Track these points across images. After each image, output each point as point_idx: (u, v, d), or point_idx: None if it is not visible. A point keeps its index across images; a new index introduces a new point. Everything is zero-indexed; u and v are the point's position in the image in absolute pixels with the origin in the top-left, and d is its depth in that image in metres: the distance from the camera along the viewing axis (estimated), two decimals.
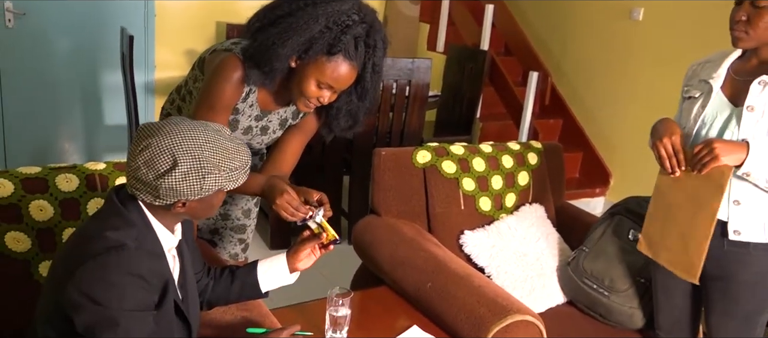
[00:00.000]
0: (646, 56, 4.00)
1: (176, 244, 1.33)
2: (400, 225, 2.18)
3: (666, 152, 1.68)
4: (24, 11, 3.80)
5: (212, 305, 1.56)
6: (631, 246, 2.12)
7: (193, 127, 1.20)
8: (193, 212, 1.27)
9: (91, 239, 1.17)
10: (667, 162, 1.68)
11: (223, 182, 1.21)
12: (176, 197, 1.19)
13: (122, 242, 1.15)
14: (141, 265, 1.16)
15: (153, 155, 1.16)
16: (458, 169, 2.31)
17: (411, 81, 3.44)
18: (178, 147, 1.17)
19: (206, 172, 1.18)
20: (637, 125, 4.02)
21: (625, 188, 3.98)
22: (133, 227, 1.20)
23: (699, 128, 1.73)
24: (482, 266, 2.20)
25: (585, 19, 4.44)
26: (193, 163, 1.17)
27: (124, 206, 1.22)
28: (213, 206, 1.29)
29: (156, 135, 1.17)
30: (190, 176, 1.17)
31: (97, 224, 1.21)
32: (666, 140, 1.67)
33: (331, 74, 1.54)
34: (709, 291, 1.80)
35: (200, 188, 1.19)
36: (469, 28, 4.85)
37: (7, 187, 1.53)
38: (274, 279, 1.56)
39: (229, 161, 1.22)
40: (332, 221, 1.52)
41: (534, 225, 2.36)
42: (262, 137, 1.85)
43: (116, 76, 3.86)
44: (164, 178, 1.16)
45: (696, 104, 1.76)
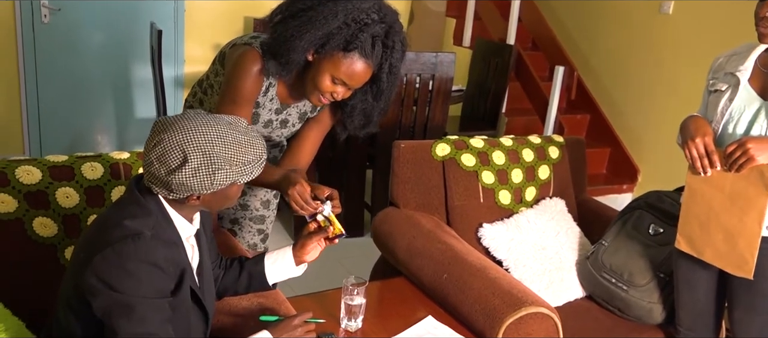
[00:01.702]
0: (676, 51, 3.92)
1: (194, 233, 1.36)
2: (418, 217, 2.20)
3: (698, 152, 1.65)
4: (59, 7, 3.91)
5: (222, 295, 1.59)
6: (652, 241, 2.10)
7: (205, 122, 1.22)
8: (209, 205, 1.30)
9: (110, 227, 1.20)
10: (699, 162, 1.65)
11: (235, 176, 1.23)
12: (188, 191, 1.21)
13: (139, 230, 1.18)
14: (157, 253, 1.19)
15: (164, 151, 1.19)
16: (478, 162, 2.31)
17: (434, 75, 3.45)
18: (189, 143, 1.18)
19: (217, 167, 1.19)
20: (666, 121, 3.95)
21: (652, 183, 3.91)
22: (151, 217, 1.23)
23: (726, 122, 1.70)
24: (500, 259, 2.20)
25: (613, 14, 4.37)
26: (203, 159, 1.18)
27: (142, 196, 1.25)
28: (229, 198, 1.31)
29: (168, 130, 1.20)
30: (200, 172, 1.19)
31: (116, 213, 1.24)
32: (698, 141, 1.65)
33: (346, 70, 1.56)
34: (734, 286, 1.77)
35: (211, 183, 1.20)
36: (495, 23, 4.82)
37: (36, 174, 1.59)
38: (281, 272, 1.58)
39: (241, 155, 1.23)
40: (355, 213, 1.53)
41: (554, 219, 2.35)
42: (281, 130, 1.88)
43: (147, 70, 3.95)
44: (175, 174, 1.18)
45: (723, 98, 1.73)
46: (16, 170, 1.58)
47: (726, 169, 1.63)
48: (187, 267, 1.29)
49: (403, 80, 3.39)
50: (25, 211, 1.57)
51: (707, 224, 1.74)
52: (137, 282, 1.17)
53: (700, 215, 1.75)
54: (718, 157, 1.64)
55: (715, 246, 1.73)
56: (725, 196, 1.67)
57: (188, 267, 1.30)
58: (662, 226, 2.11)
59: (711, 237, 1.74)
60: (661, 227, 2.11)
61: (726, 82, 1.74)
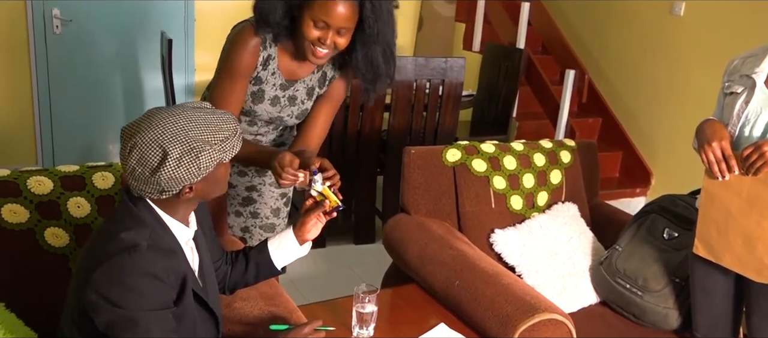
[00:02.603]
0: (688, 53, 3.89)
1: (192, 235, 1.35)
2: (429, 223, 2.19)
3: (715, 156, 1.63)
4: (71, 18, 3.94)
5: (234, 289, 1.59)
6: (666, 245, 2.08)
7: (171, 112, 1.21)
8: (203, 194, 1.28)
9: (106, 242, 1.19)
10: (716, 167, 1.63)
11: (218, 155, 1.21)
12: (179, 184, 1.19)
13: (135, 242, 1.17)
14: (155, 264, 1.17)
15: (142, 153, 1.17)
16: (489, 167, 2.29)
17: (444, 80, 3.44)
18: (163, 136, 1.17)
19: (198, 150, 1.18)
20: (679, 124, 3.92)
21: (666, 187, 3.87)
22: (146, 227, 1.22)
23: (742, 125, 1.68)
24: (513, 265, 2.18)
25: (624, 16, 4.35)
26: (183, 147, 1.17)
27: (135, 206, 1.24)
28: (220, 181, 1.30)
29: (139, 132, 1.18)
30: (184, 160, 1.17)
31: (111, 226, 1.23)
32: (715, 145, 1.62)
33: (322, 9, 1.58)
34: (752, 291, 1.75)
35: (198, 168, 1.19)
36: (505, 27, 4.81)
37: (47, 185, 1.60)
38: (287, 254, 1.57)
39: (217, 134, 1.21)
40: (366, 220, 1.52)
41: (566, 224, 2.32)
42: (291, 108, 1.87)
43: (158, 79, 3.97)
44: (160, 171, 1.17)
45: (739, 100, 1.71)
46: (28, 181, 1.58)
47: (743, 173, 1.61)
48: (188, 272, 1.28)
49: (414, 86, 3.38)
50: (37, 221, 1.57)
51: (725, 229, 1.71)
52: (138, 295, 1.16)
53: (719, 220, 1.72)
54: (735, 161, 1.61)
55: (733, 251, 1.71)
56: (743, 200, 1.64)
57: (189, 272, 1.29)
58: (677, 230, 2.08)
59: (729, 242, 1.71)
60: (676, 232, 2.08)
61: (742, 84, 1.72)
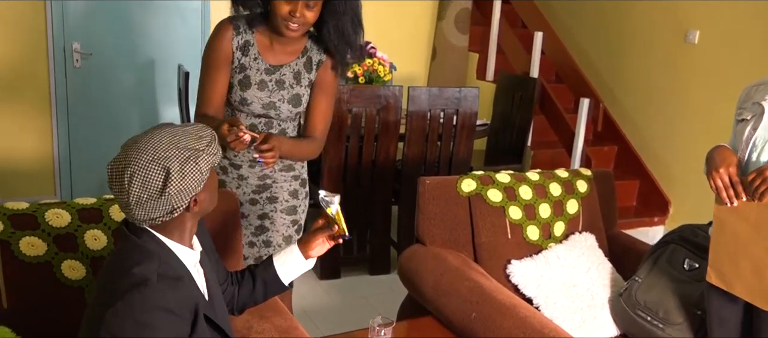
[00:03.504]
0: (703, 80, 3.87)
1: (198, 258, 1.35)
2: (445, 254, 2.17)
3: (722, 182, 1.62)
4: (91, 51, 4.02)
5: (243, 309, 1.59)
6: (687, 276, 2.04)
7: (153, 134, 1.23)
8: (204, 205, 1.29)
9: (118, 278, 1.18)
10: (724, 193, 1.62)
11: (210, 157, 1.24)
12: (188, 196, 1.21)
13: (145, 277, 1.16)
14: (167, 298, 1.16)
15: (144, 177, 1.18)
16: (504, 197, 2.28)
17: (458, 110, 3.45)
18: (158, 155, 1.18)
19: (195, 157, 1.21)
20: (696, 151, 3.87)
21: (685, 216, 3.83)
22: (154, 258, 1.21)
23: (750, 151, 1.67)
24: (530, 296, 2.15)
25: (637, 44, 4.35)
26: (181, 157, 1.19)
27: (139, 238, 1.24)
28: (214, 191, 1.32)
29: (132, 161, 1.19)
30: (187, 170, 1.19)
31: (120, 262, 1.22)
32: (722, 171, 1.62)
33: None
34: (759, 320, 1.71)
35: (200, 173, 1.21)
36: (518, 57, 4.83)
37: (65, 217, 1.61)
38: (293, 269, 1.57)
39: (201, 140, 1.24)
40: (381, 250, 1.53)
41: (584, 255, 2.29)
42: (281, 92, 1.93)
43: (176, 111, 4.02)
44: (168, 187, 1.18)
45: (747, 127, 1.70)
46: (46, 213, 1.60)
47: (750, 198, 1.59)
48: (199, 298, 1.27)
49: (428, 116, 3.39)
50: (55, 254, 1.58)
51: (735, 256, 1.69)
52: (152, 330, 1.14)
53: (729, 247, 1.70)
54: (742, 187, 1.60)
55: (744, 279, 1.68)
56: (752, 226, 1.62)
57: (200, 297, 1.28)
58: (697, 261, 2.04)
59: (740, 270, 1.68)
60: (696, 262, 2.04)
61: (752, 111, 1.72)
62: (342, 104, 3.16)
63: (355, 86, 3.36)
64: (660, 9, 4.16)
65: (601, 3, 4.65)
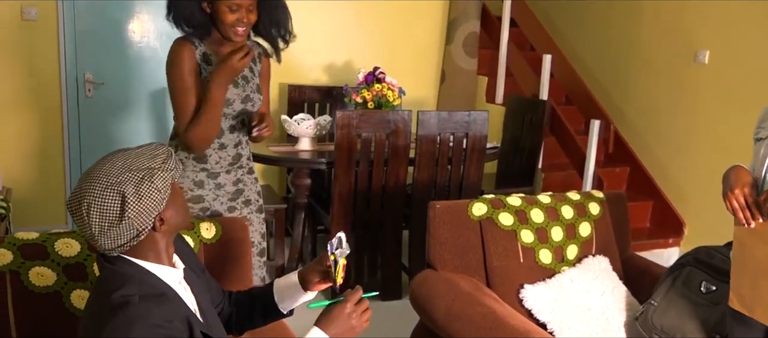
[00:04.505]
0: (714, 100, 3.85)
1: (182, 275, 1.32)
2: (456, 279, 2.14)
3: (738, 204, 1.60)
4: (103, 81, 4.07)
5: (242, 331, 1.56)
6: (704, 299, 2.00)
7: (104, 162, 1.21)
8: (174, 221, 1.26)
9: (100, 308, 1.17)
10: (740, 214, 1.60)
11: (167, 173, 1.22)
12: (150, 216, 1.18)
13: (127, 299, 1.14)
14: (151, 314, 1.14)
15: (100, 205, 1.16)
16: (516, 220, 2.26)
17: (468, 133, 3.44)
18: (111, 181, 1.17)
19: (149, 176, 1.18)
20: (709, 171, 3.84)
21: (700, 237, 3.77)
22: (133, 281, 1.19)
23: (765, 172, 1.64)
24: (544, 321, 2.12)
25: (647, 65, 4.34)
26: (134, 179, 1.17)
27: (114, 265, 1.22)
28: (183, 207, 1.30)
29: (86, 192, 1.17)
30: (143, 190, 1.17)
31: (100, 292, 1.21)
32: (737, 191, 1.60)
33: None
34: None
35: (158, 191, 1.19)
36: (527, 79, 4.83)
37: (74, 246, 1.61)
38: (293, 299, 1.54)
39: (155, 158, 1.22)
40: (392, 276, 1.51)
41: (598, 278, 2.26)
42: (250, 84, 2.12)
43: None
44: (126, 210, 1.16)
45: (764, 146, 1.68)
46: (56, 243, 1.60)
47: (765, 219, 1.56)
48: (189, 315, 1.25)
49: (437, 139, 3.38)
50: (64, 284, 1.58)
51: (756, 279, 1.65)
52: None
53: (749, 270, 1.66)
54: (758, 207, 1.57)
55: (763, 303, 1.64)
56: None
57: (191, 314, 1.26)
58: (715, 283, 2.00)
59: (760, 293, 1.64)
60: (714, 285, 2.00)
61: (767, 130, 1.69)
62: (351, 129, 3.16)
63: (364, 111, 3.37)
64: (669, 29, 4.16)
65: (609, 25, 4.65)
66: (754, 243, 1.63)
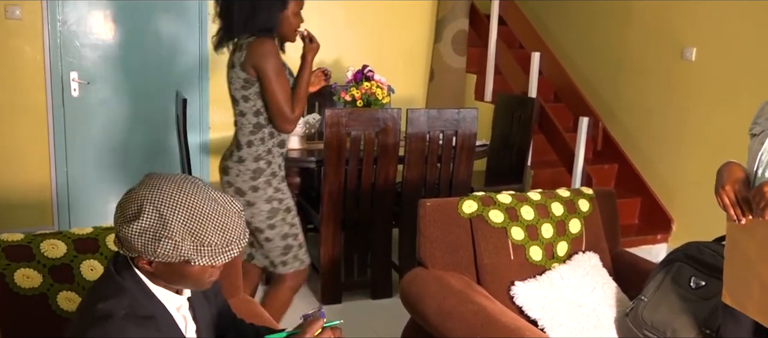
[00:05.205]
0: (701, 96, 3.87)
1: (185, 303, 1.28)
2: (447, 277, 2.14)
3: (729, 200, 1.60)
4: (88, 80, 4.02)
5: None
6: (694, 294, 2.01)
7: (182, 187, 1.14)
8: (163, 277, 1.19)
9: (83, 313, 1.15)
10: (731, 210, 1.60)
11: (187, 253, 1.12)
12: (131, 251, 1.14)
13: (110, 312, 1.11)
14: (126, 333, 1.11)
15: (127, 200, 1.14)
16: (506, 218, 2.26)
17: (457, 131, 3.44)
18: (150, 198, 1.12)
19: (164, 235, 1.10)
20: (697, 168, 3.87)
21: (688, 233, 3.80)
22: (126, 294, 1.16)
23: (757, 168, 1.64)
24: (535, 318, 2.12)
25: (635, 63, 4.36)
26: (156, 220, 1.10)
27: (118, 273, 1.19)
28: (185, 278, 1.19)
29: (143, 183, 1.16)
30: (147, 233, 1.10)
31: (91, 296, 1.18)
32: (728, 188, 1.60)
33: None
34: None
35: (154, 249, 1.11)
36: (516, 77, 4.84)
37: (61, 248, 1.59)
38: None
39: (202, 234, 1.12)
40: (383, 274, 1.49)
41: (588, 275, 2.26)
42: None
43: (174, 138, 4.01)
44: (125, 227, 1.12)
45: (757, 142, 1.68)
46: (41, 245, 1.58)
47: (754, 215, 1.56)
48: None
49: (427, 137, 3.38)
50: (50, 286, 1.56)
51: (746, 275, 1.65)
52: None
53: (741, 266, 1.67)
54: (748, 203, 1.57)
55: (754, 299, 1.64)
56: (759, 244, 1.59)
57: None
58: (704, 279, 2.01)
59: (750, 289, 1.65)
60: (703, 280, 2.01)
61: (762, 126, 1.70)
62: (341, 127, 3.15)
63: (353, 109, 3.35)
64: (656, 27, 4.18)
65: (597, 22, 4.67)
66: (744, 240, 1.64)
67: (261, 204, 2.32)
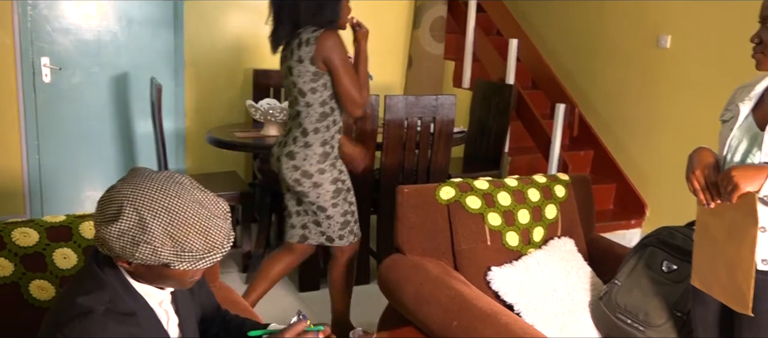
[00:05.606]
0: (676, 84, 3.93)
1: (167, 297, 1.27)
2: (425, 263, 2.15)
3: (699, 184, 1.63)
4: (60, 66, 3.94)
5: None
6: (666, 278, 2.05)
7: (168, 188, 1.11)
8: (144, 277, 1.18)
9: (62, 307, 1.13)
10: (701, 195, 1.63)
11: (167, 257, 1.10)
12: (110, 252, 1.12)
13: (90, 308, 1.09)
14: (107, 329, 1.09)
15: (108, 198, 1.11)
16: (483, 204, 2.27)
17: (436, 118, 3.44)
18: (131, 199, 1.09)
19: (144, 239, 1.08)
20: (671, 154, 3.92)
21: (661, 218, 3.86)
22: (106, 289, 1.14)
23: (726, 153, 1.68)
24: (511, 303, 2.14)
25: (611, 50, 4.40)
26: (136, 223, 1.08)
27: (99, 268, 1.17)
28: (166, 279, 1.17)
29: (126, 180, 1.13)
30: (126, 236, 1.08)
31: (71, 289, 1.17)
32: (699, 172, 1.63)
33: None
34: (737, 322, 1.71)
35: (132, 253, 1.09)
36: (494, 64, 4.85)
37: (33, 236, 1.56)
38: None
39: (184, 239, 1.10)
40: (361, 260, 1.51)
41: (564, 259, 2.29)
42: None
43: (149, 125, 3.96)
44: (103, 227, 1.10)
45: (726, 128, 1.71)
46: (13, 233, 1.55)
47: (722, 200, 1.60)
48: (162, 336, 1.21)
49: (405, 124, 3.38)
50: (22, 274, 1.53)
51: (713, 258, 1.69)
52: None
53: (709, 249, 1.71)
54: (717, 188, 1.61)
55: (720, 281, 1.68)
56: (726, 227, 1.63)
57: (165, 335, 1.22)
58: (676, 262, 2.05)
59: (717, 272, 1.69)
60: (675, 264, 2.05)
61: (732, 112, 1.73)
62: None
63: None
64: (632, 14, 4.22)
65: (573, 9, 4.70)
66: (713, 223, 1.67)
67: (327, 185, 2.50)
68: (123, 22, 4.05)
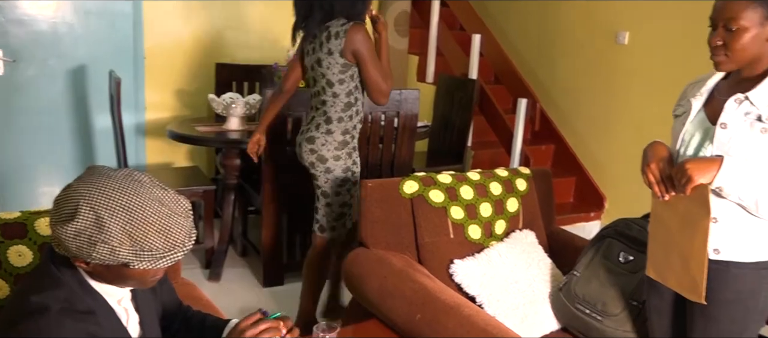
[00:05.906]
0: (633, 80, 4.02)
1: (127, 295, 1.24)
2: (388, 257, 2.16)
3: (654, 177, 1.68)
4: (14, 58, 3.83)
5: None
6: (622, 269, 2.11)
7: (126, 186, 1.09)
8: (103, 277, 1.15)
9: (15, 305, 1.10)
10: (656, 187, 1.68)
11: (125, 257, 1.08)
12: (66, 252, 1.10)
13: (45, 305, 1.07)
14: (63, 328, 1.07)
15: (64, 197, 1.09)
16: (446, 198, 2.30)
17: (399, 112, 3.45)
18: (87, 198, 1.06)
19: (100, 239, 1.06)
20: (628, 148, 4.02)
21: (619, 210, 3.96)
22: (62, 288, 1.12)
23: (680, 147, 1.73)
24: (473, 295, 2.17)
25: (571, 46, 4.47)
26: (92, 222, 1.06)
27: (55, 266, 1.14)
28: (126, 279, 1.15)
29: (83, 178, 1.10)
30: (82, 236, 1.06)
31: (25, 288, 1.14)
32: (653, 166, 1.68)
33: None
34: (690, 310, 1.77)
35: (89, 253, 1.07)
36: (457, 59, 4.89)
37: None
38: None
39: (143, 238, 1.08)
40: None
41: (525, 252, 2.34)
42: None
43: (108, 119, 3.87)
44: (59, 227, 1.07)
45: (678, 123, 1.77)
46: None
47: (677, 192, 1.65)
48: (122, 335, 1.19)
49: (369, 118, 3.38)
50: None
51: (667, 249, 1.75)
52: None
53: (663, 240, 1.76)
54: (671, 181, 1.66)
55: (674, 271, 1.74)
56: (680, 218, 1.68)
57: (125, 334, 1.20)
58: (632, 253, 2.11)
59: (671, 262, 1.74)
60: (631, 255, 2.11)
61: (684, 107, 1.78)
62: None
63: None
64: (591, 11, 4.30)
65: (534, 5, 4.77)
66: (667, 215, 1.72)
67: (338, 172, 2.59)
68: (80, 13, 3.95)
